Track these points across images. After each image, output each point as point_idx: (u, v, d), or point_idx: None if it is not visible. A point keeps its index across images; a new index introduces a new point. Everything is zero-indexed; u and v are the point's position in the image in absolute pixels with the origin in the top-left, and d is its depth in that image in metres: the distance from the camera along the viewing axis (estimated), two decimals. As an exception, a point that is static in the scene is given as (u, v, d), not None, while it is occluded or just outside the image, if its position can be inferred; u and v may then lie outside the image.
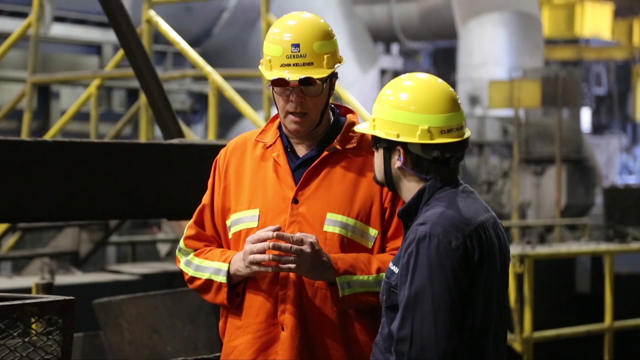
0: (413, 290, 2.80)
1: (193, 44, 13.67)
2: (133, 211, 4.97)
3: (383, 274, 3.01)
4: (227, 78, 8.24)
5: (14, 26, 11.32)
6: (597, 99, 33.32)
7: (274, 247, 3.04)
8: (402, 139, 2.92)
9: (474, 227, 2.88)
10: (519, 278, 7.81)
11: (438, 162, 2.93)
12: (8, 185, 4.34)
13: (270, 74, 3.12)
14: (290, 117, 3.15)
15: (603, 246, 9.15)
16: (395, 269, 2.89)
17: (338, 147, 3.18)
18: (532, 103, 17.83)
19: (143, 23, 7.88)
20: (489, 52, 21.15)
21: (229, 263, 3.17)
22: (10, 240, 9.85)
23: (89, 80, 10.31)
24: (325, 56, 3.13)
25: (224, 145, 3.42)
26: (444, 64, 29.25)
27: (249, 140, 3.28)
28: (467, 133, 2.97)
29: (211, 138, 7.56)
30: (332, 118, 3.24)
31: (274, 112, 3.28)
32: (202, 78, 11.05)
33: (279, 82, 3.11)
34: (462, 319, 2.84)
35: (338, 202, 3.15)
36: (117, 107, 14.28)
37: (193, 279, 3.26)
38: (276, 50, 3.12)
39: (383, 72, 21.93)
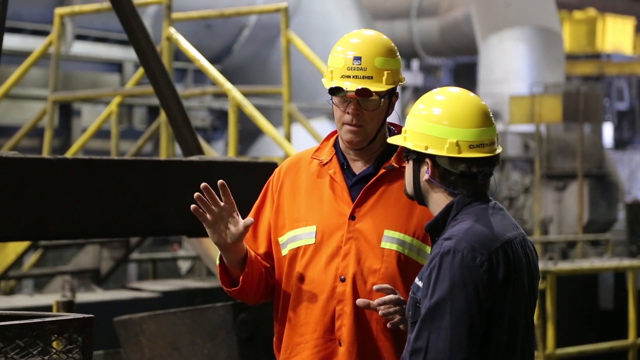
0: (433, 302, 2.80)
1: (213, 61, 13.70)
2: (154, 228, 4.97)
3: None
4: (247, 95, 8.25)
5: (36, 44, 11.37)
6: (619, 114, 33.18)
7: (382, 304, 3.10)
8: (430, 151, 2.93)
9: (501, 244, 2.87)
10: (542, 294, 7.76)
11: (465, 177, 2.92)
12: (29, 202, 4.35)
13: (329, 84, 3.18)
14: (346, 127, 3.19)
15: (626, 262, 9.10)
16: (421, 284, 2.89)
17: (395, 165, 3.21)
18: (553, 118, 17.77)
19: (163, 40, 7.90)
20: (510, 67, 21.11)
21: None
22: (32, 258, 9.87)
23: (109, 98, 10.34)
24: (385, 72, 3.17)
25: (244, 162, 3.44)
26: (465, 79, 29.21)
27: (303, 159, 3.33)
28: (499, 149, 2.96)
29: (231, 155, 7.56)
30: (388, 136, 3.25)
31: (294, 129, 3.30)
32: (223, 95, 11.08)
33: (335, 91, 3.16)
34: (487, 336, 2.82)
35: (395, 219, 3.18)
36: (138, 125, 14.32)
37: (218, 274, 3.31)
38: (338, 61, 3.18)
39: (403, 88, 21.95)
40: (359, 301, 3.12)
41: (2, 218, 4.31)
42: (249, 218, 3.20)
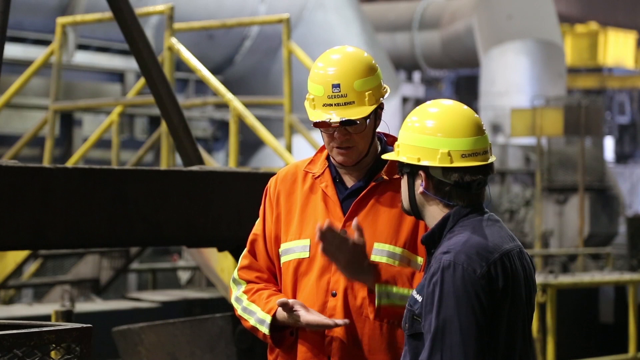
0: (441, 320, 2.80)
1: (215, 71, 13.72)
2: (153, 238, 4.96)
3: None
4: (248, 105, 8.24)
5: (37, 54, 11.38)
6: (621, 128, 33.22)
7: (320, 235, 3.03)
8: (422, 162, 2.92)
9: (499, 255, 2.86)
10: (542, 307, 7.75)
11: (459, 187, 2.92)
12: (29, 211, 4.34)
13: (313, 114, 3.16)
14: (337, 150, 3.19)
15: (626, 276, 9.08)
16: (419, 297, 2.88)
17: (385, 177, 3.19)
18: (554, 131, 17.78)
19: (165, 51, 7.90)
20: (511, 80, 21.14)
21: (274, 315, 3.18)
22: (32, 267, 9.86)
23: (111, 108, 10.35)
24: (366, 93, 3.14)
25: (244, 173, 3.42)
26: (466, 92, 29.26)
27: (299, 170, 3.32)
28: (492, 158, 2.96)
29: (232, 165, 7.55)
30: (380, 147, 3.26)
31: (295, 140, 3.30)
32: (224, 105, 11.08)
33: (321, 124, 3.15)
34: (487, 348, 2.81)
35: (385, 232, 3.16)
36: (139, 134, 14.32)
37: (241, 317, 3.29)
38: (318, 90, 3.15)
39: (405, 100, 21.95)
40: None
41: (2, 227, 4.30)
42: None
